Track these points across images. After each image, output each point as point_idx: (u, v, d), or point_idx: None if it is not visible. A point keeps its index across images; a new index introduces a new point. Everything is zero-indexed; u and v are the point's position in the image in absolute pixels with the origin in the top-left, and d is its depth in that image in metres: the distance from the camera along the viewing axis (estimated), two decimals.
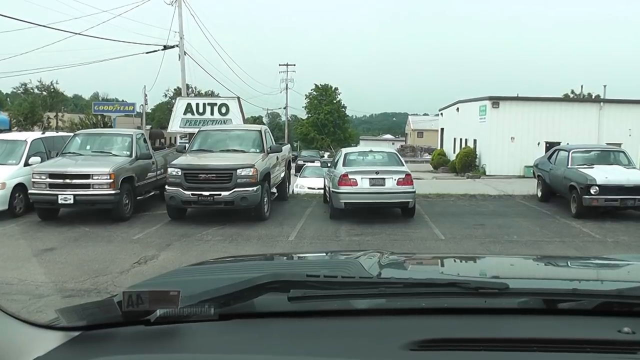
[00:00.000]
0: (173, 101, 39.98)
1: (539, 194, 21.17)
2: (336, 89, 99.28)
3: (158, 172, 18.69)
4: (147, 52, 35.34)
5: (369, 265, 2.49)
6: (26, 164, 17.25)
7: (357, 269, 2.34)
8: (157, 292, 1.76)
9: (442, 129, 55.26)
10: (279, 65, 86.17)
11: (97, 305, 1.87)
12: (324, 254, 4.03)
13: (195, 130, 20.88)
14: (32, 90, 77.35)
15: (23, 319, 1.75)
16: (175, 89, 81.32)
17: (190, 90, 52.58)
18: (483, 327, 1.82)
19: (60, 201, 15.51)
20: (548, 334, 1.74)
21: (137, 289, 1.84)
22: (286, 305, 1.87)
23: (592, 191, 16.39)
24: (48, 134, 21.63)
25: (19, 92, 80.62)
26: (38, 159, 17.44)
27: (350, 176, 16.19)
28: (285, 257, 3.81)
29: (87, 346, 1.75)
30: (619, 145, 26.70)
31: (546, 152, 25.69)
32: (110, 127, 41.15)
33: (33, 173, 15.88)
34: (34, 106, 63.90)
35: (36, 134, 20.72)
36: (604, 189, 16.33)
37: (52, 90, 77.48)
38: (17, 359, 1.62)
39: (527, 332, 1.76)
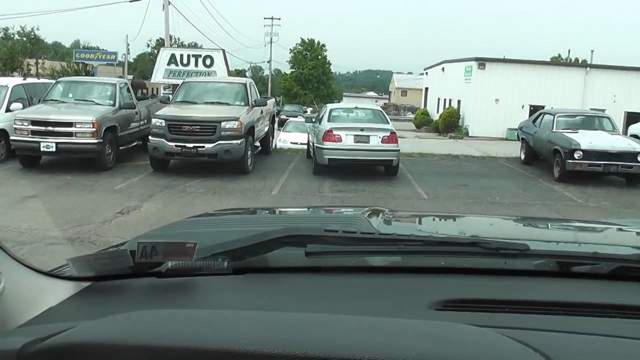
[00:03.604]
0: (156, 52, 39.53)
1: (522, 156, 21.20)
2: (323, 45, 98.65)
3: (141, 123, 18.51)
4: (130, 1, 34.85)
5: (376, 222, 2.45)
6: (7, 110, 17.03)
7: (367, 225, 2.30)
8: (173, 243, 1.71)
9: (427, 89, 55.24)
10: (264, 18, 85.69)
11: (108, 256, 1.81)
12: (324, 209, 3.99)
13: (179, 82, 20.69)
14: (12, 36, 75.99)
15: (32, 267, 1.70)
16: (157, 40, 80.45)
17: (173, 41, 51.96)
18: (505, 289, 1.79)
19: (42, 149, 15.32)
20: (571, 298, 1.72)
21: (147, 239, 1.78)
22: (302, 260, 1.83)
23: (575, 156, 16.43)
24: (29, 80, 21.31)
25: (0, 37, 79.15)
26: (20, 105, 17.19)
27: (334, 132, 16.12)
28: (287, 210, 3.75)
29: (100, 297, 1.70)
30: (603, 111, 26.79)
31: (530, 115, 25.75)
32: (92, 75, 40.67)
33: (15, 119, 15.64)
34: (13, 52, 62.93)
35: (18, 80, 20.41)
36: (588, 154, 16.38)
37: (32, 36, 76.15)
38: (29, 308, 1.57)
39: (550, 295, 1.74)
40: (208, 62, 26.26)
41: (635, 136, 19.56)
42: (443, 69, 47.48)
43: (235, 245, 1.84)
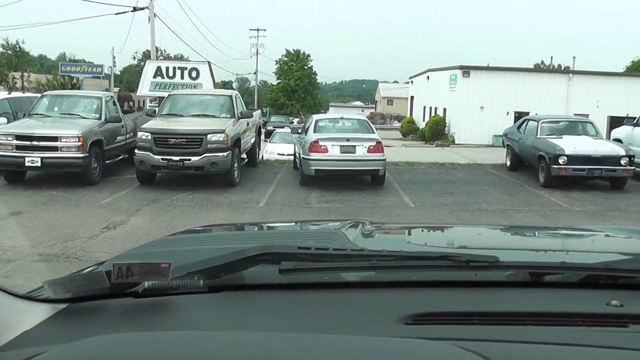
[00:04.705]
0: (142, 64, 39.49)
1: (508, 163, 21.35)
2: (308, 55, 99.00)
3: (127, 136, 18.47)
4: (116, 14, 34.77)
5: (354, 236, 2.47)
6: None
7: (344, 240, 2.32)
8: (148, 264, 1.72)
9: (412, 97, 55.41)
10: (250, 30, 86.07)
11: (84, 277, 1.82)
12: (304, 224, 4.01)
13: (165, 94, 20.68)
14: None
15: (6, 290, 1.70)
16: (144, 52, 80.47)
17: (159, 53, 51.90)
18: (475, 300, 1.82)
19: (27, 163, 15.24)
20: (539, 307, 1.75)
21: (124, 259, 1.79)
22: (277, 277, 1.85)
23: (560, 161, 16.56)
24: (14, 94, 21.26)
25: None
26: (4, 119, 17.11)
27: (321, 143, 16.14)
28: (266, 226, 3.78)
29: (76, 319, 1.71)
30: (587, 116, 26.98)
31: (515, 121, 25.88)
32: (78, 88, 40.58)
33: None
34: None
35: (2, 94, 20.34)
36: (572, 159, 16.52)
37: (17, 49, 75.90)
38: (4, 333, 1.57)
39: (518, 306, 1.77)
40: (194, 74, 26.23)
41: (618, 140, 19.67)
42: (428, 77, 47.65)
43: (210, 263, 1.85)
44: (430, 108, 45.89)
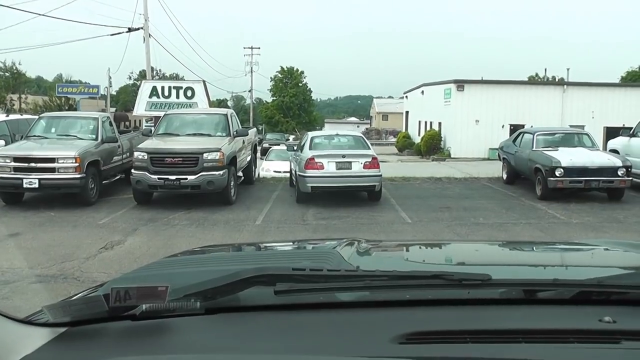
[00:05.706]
0: (138, 84, 39.60)
1: (504, 176, 21.35)
2: (302, 72, 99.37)
3: (124, 156, 18.51)
4: (111, 35, 34.89)
5: (348, 255, 2.49)
6: None
7: (338, 260, 2.34)
8: (145, 287, 1.74)
9: (407, 112, 55.59)
10: (244, 48, 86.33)
11: (83, 301, 1.84)
12: (300, 243, 4.03)
13: (161, 114, 20.72)
14: None
15: (6, 314, 1.72)
16: (139, 72, 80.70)
17: (155, 73, 52.01)
18: (468, 319, 1.83)
19: (25, 185, 15.26)
20: (532, 325, 1.76)
21: (122, 283, 1.81)
22: (272, 298, 1.87)
23: (557, 173, 16.57)
24: (12, 116, 21.33)
25: None
26: (2, 142, 17.23)
27: (316, 160, 16.16)
28: (262, 246, 3.79)
29: (75, 343, 1.72)
30: (582, 127, 27.06)
31: (511, 134, 25.93)
32: (75, 109, 40.66)
33: None
34: None
35: (0, 117, 20.41)
36: (569, 171, 16.54)
37: (15, 71, 76.05)
38: (5, 358, 1.59)
39: (511, 323, 1.79)
40: (189, 93, 26.35)
41: (614, 151, 19.69)
42: (422, 92, 47.85)
43: (207, 285, 1.87)
44: (426, 122, 46.04)
